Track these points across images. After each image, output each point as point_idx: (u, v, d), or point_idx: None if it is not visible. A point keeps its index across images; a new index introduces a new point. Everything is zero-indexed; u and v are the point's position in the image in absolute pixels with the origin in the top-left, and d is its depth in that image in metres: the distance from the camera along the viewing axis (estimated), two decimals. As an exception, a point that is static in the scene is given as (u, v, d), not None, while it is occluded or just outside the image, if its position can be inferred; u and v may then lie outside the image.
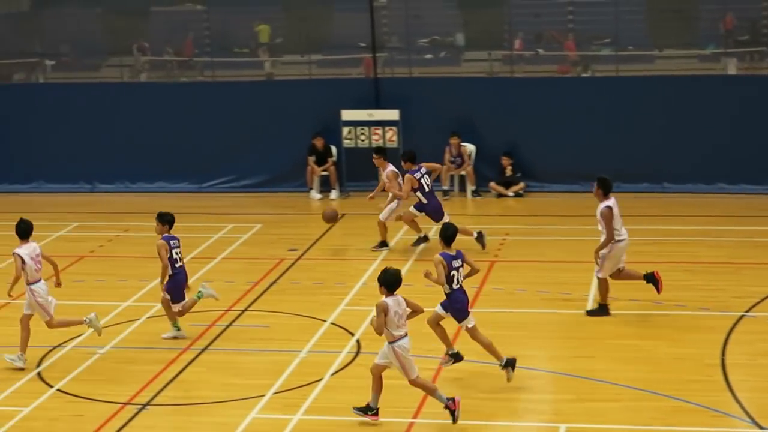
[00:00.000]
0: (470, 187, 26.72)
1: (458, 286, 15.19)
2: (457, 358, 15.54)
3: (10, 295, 16.39)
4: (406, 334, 14.01)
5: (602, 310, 17.85)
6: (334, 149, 27.18)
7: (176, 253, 17.21)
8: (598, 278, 17.77)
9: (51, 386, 15.66)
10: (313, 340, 17.08)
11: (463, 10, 31.74)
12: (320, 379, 15.48)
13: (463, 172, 26.77)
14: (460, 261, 15.15)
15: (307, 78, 29.44)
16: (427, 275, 15.14)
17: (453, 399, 14.03)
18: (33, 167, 28.59)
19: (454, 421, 13.98)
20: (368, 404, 14.21)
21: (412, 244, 22.13)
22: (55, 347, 17.10)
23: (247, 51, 33.05)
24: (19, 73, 32.83)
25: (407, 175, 21.38)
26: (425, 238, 22.04)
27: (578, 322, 17.74)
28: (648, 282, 17.84)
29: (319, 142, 26.95)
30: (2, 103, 29.05)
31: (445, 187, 26.58)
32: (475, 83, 28.25)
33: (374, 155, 22.59)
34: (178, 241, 17.42)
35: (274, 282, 20.23)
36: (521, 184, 26.46)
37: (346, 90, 27.69)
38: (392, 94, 27.12)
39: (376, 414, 14.16)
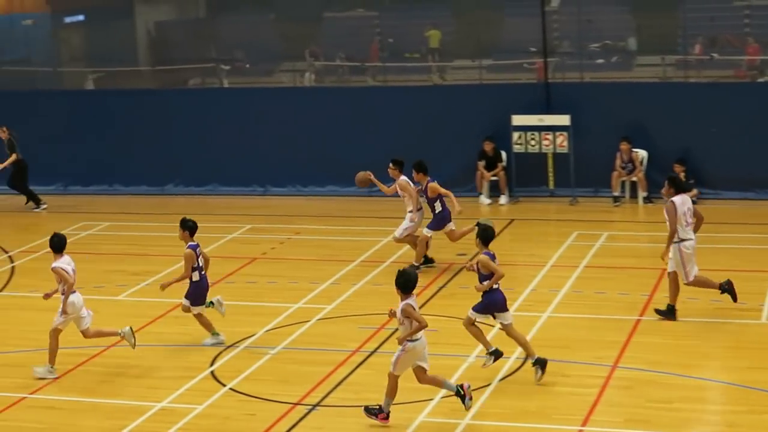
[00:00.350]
0: (642, 194, 26.35)
1: (497, 285, 15.62)
2: (497, 354, 15.79)
3: (65, 312, 16.48)
4: (421, 336, 14.25)
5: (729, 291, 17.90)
6: (504, 154, 27.09)
7: (200, 261, 17.42)
8: (691, 283, 17.76)
9: (224, 385, 15.95)
10: (481, 344, 17.03)
11: (636, 14, 31.41)
12: (488, 384, 15.46)
13: (634, 179, 26.40)
14: (497, 261, 15.62)
15: (478, 83, 29.43)
16: (480, 288, 15.68)
17: (386, 414, 14.29)
18: (208, 170, 29.15)
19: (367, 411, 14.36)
20: (458, 392, 14.37)
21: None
22: (228, 347, 17.41)
23: (417, 56, 33.24)
24: (195, 78, 33.57)
25: (432, 184, 21.18)
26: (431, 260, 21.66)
27: (752, 332, 17.36)
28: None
29: (488, 147, 26.90)
30: (178, 107, 29.70)
31: (616, 194, 26.27)
32: (647, 88, 27.89)
33: (391, 165, 21.86)
34: (200, 247, 17.52)
35: (443, 286, 20.26)
36: (694, 191, 25.97)
37: (516, 95, 27.57)
38: (563, 98, 26.90)
39: (468, 393, 14.34)
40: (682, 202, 17.59)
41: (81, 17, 36.24)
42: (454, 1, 33.51)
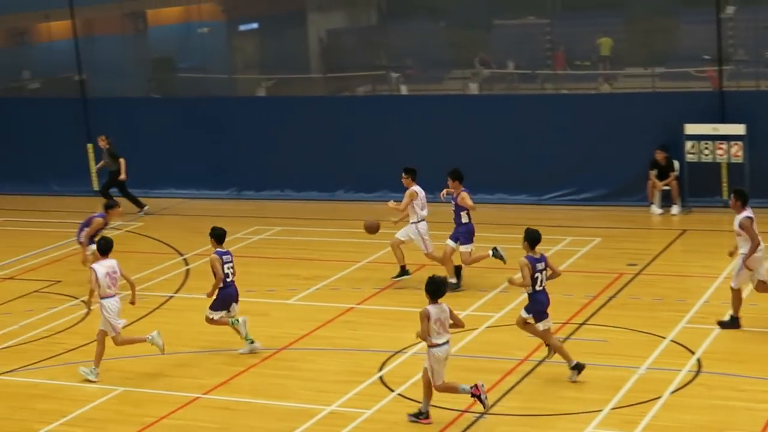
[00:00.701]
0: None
1: (541, 288, 15.99)
2: (580, 368, 16.08)
3: (89, 309, 17.45)
4: (446, 342, 14.63)
5: (733, 322, 17.73)
6: (676, 163, 26.64)
7: (228, 268, 17.68)
8: (732, 289, 17.63)
9: (392, 390, 16.05)
10: (652, 356, 16.84)
11: (817, 20, 30.63)
12: (659, 397, 15.24)
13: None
14: (543, 264, 15.97)
15: (650, 91, 29.01)
16: (512, 282, 16.16)
17: (476, 385, 14.71)
18: (377, 176, 29.21)
19: (484, 405, 14.74)
20: (419, 410, 14.95)
21: (392, 276, 21.37)
22: (396, 352, 17.51)
23: (588, 63, 32.95)
24: (365, 85, 33.83)
25: (464, 192, 20.97)
26: (406, 272, 21.31)
27: None
28: None
29: (660, 156, 26.48)
30: (349, 113, 29.92)
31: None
32: (827, 97, 27.13)
33: (404, 175, 21.69)
34: (231, 255, 17.84)
35: (613, 296, 20.04)
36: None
37: (689, 103, 27.05)
38: (738, 107, 26.29)
39: (428, 417, 14.89)
40: (752, 214, 17.62)
41: (255, 25, 36.89)
42: (626, 9, 33.12)
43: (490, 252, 20.70)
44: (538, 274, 15.90)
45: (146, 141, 30.97)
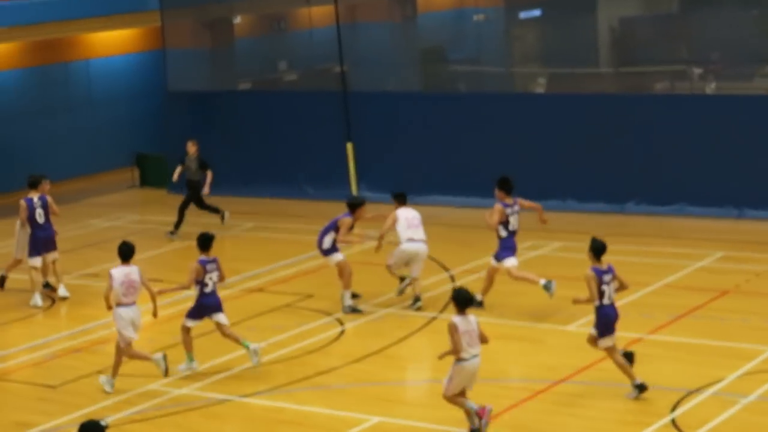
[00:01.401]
0: None
1: (609, 301, 16.87)
2: (641, 388, 16.79)
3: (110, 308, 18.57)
4: (474, 356, 15.40)
5: None
6: None
7: (209, 278, 18.66)
8: None
9: (685, 435, 15.67)
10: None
11: None
12: None
13: None
14: (611, 275, 16.88)
15: None
16: (577, 301, 17.18)
17: (483, 407, 15.45)
18: (674, 187, 28.65)
19: (481, 428, 15.46)
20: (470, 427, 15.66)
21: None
22: (692, 392, 17.05)
23: None
24: (663, 81, 33.21)
25: (497, 205, 21.24)
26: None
27: None
28: None
29: None
30: (642, 114, 29.36)
31: None
32: None
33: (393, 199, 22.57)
34: (216, 264, 18.80)
35: None
36: None
37: None
38: None
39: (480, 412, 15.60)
40: None
41: (537, 12, 36.72)
42: None
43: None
44: (605, 287, 16.81)
45: (410, 140, 31.18)
